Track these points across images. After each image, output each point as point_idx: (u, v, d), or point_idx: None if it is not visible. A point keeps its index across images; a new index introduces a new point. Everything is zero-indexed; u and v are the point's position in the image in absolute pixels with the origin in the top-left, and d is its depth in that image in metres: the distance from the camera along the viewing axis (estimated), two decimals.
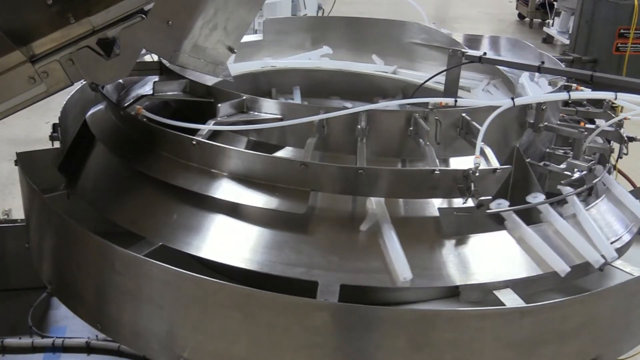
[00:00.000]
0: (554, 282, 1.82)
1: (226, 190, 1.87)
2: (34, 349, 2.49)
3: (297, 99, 2.97)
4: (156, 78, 2.44)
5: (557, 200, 2.04)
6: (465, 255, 1.78)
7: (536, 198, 1.90)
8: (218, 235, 1.85)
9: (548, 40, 11.47)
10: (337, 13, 6.03)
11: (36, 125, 5.96)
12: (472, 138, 1.91)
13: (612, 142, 2.28)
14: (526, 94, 2.49)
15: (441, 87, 2.82)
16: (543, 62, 2.46)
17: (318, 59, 3.11)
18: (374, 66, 3.11)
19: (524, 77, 2.62)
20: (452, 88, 2.77)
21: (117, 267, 1.78)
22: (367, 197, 1.82)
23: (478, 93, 2.78)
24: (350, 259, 1.76)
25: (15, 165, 2.34)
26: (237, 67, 2.85)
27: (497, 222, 1.92)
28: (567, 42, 9.51)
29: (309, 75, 3.08)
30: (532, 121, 2.10)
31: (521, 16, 13.38)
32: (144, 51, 2.25)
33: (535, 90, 2.52)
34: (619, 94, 2.03)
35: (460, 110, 1.99)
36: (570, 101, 2.33)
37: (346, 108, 1.99)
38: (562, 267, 1.74)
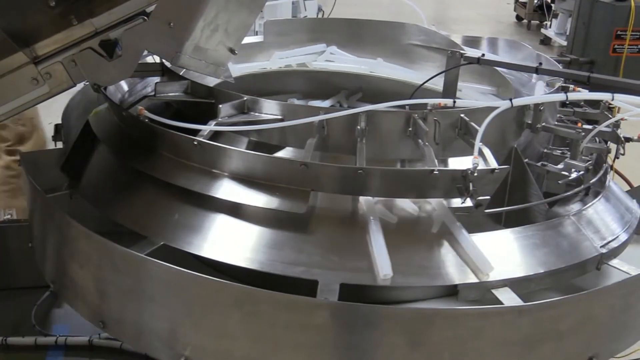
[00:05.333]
0: (552, 281, 1.84)
1: (227, 190, 1.88)
2: (37, 348, 2.50)
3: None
4: (158, 79, 2.46)
5: (553, 201, 2.06)
6: (464, 254, 1.80)
7: None
8: (219, 234, 1.87)
9: (546, 41, 11.49)
10: (337, 15, 6.03)
11: None
12: (470, 138, 1.93)
13: (609, 142, 2.30)
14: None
15: (440, 88, 2.84)
16: (541, 64, 2.48)
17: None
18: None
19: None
20: (450, 89, 2.79)
21: (119, 266, 1.79)
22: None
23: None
24: (350, 258, 1.78)
25: (19, 165, 2.35)
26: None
27: (495, 222, 1.94)
28: (565, 43, 9.53)
29: (309, 77, 3.10)
30: (530, 122, 2.11)
31: (519, 18, 13.41)
32: (145, 52, 2.26)
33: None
34: (616, 95, 2.04)
35: (459, 110, 2.00)
36: (567, 102, 2.34)
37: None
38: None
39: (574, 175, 2.11)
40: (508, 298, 1.72)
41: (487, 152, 1.86)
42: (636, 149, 2.35)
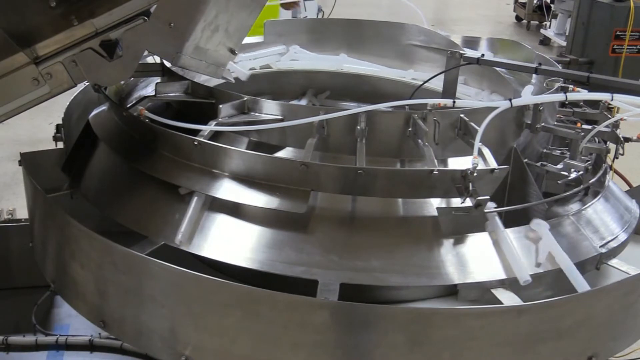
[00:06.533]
0: (551, 281, 1.84)
1: (227, 190, 1.89)
2: (37, 347, 2.51)
3: None
4: (158, 79, 2.46)
5: (553, 200, 2.07)
6: (464, 254, 1.80)
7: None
8: (219, 234, 1.87)
9: (545, 42, 11.50)
10: (337, 15, 6.03)
11: (40, 126, 5.98)
12: (470, 138, 1.93)
13: (608, 142, 2.30)
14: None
15: (439, 89, 2.84)
16: (540, 64, 2.48)
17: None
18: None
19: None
20: (450, 89, 2.79)
21: (119, 266, 1.80)
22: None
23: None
24: (350, 258, 1.78)
25: (20, 165, 2.36)
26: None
27: None
28: (564, 44, 9.53)
29: (309, 77, 3.10)
30: (529, 122, 2.12)
31: (519, 18, 13.41)
32: (146, 53, 2.26)
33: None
34: (615, 95, 2.05)
35: (459, 111, 2.01)
36: (567, 102, 2.35)
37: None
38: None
39: (573, 175, 2.12)
40: (507, 298, 1.72)
41: (486, 152, 1.87)
42: (635, 149, 2.35)
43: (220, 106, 2.06)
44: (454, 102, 2.08)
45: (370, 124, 1.96)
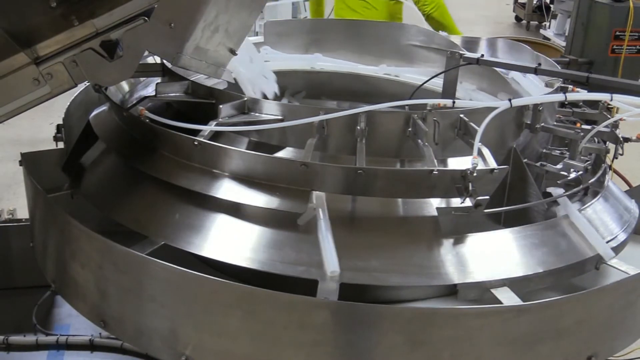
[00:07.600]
0: (551, 281, 1.85)
1: (227, 190, 1.89)
2: (38, 347, 2.52)
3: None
4: (159, 79, 2.46)
5: (552, 200, 2.07)
6: (463, 254, 1.80)
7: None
8: (220, 234, 1.88)
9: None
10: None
11: (40, 126, 5.99)
12: (469, 139, 1.93)
13: (607, 142, 2.30)
14: (521, 91, 2.52)
15: (439, 89, 2.85)
16: (540, 64, 2.49)
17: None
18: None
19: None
20: (450, 89, 2.80)
21: (119, 265, 1.80)
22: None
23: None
24: (350, 258, 1.78)
25: (20, 165, 2.36)
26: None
27: (494, 221, 1.95)
28: (564, 44, 9.53)
29: (309, 77, 3.10)
30: (529, 122, 2.12)
31: (518, 19, 13.43)
32: (146, 53, 2.27)
33: (530, 85, 2.56)
34: (615, 95, 2.05)
35: (458, 111, 2.01)
36: (566, 102, 2.35)
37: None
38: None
39: (572, 175, 2.12)
40: (507, 297, 1.72)
41: (486, 152, 1.87)
42: (635, 149, 2.36)
43: (220, 106, 2.06)
44: (454, 102, 2.08)
45: (370, 124, 1.96)
